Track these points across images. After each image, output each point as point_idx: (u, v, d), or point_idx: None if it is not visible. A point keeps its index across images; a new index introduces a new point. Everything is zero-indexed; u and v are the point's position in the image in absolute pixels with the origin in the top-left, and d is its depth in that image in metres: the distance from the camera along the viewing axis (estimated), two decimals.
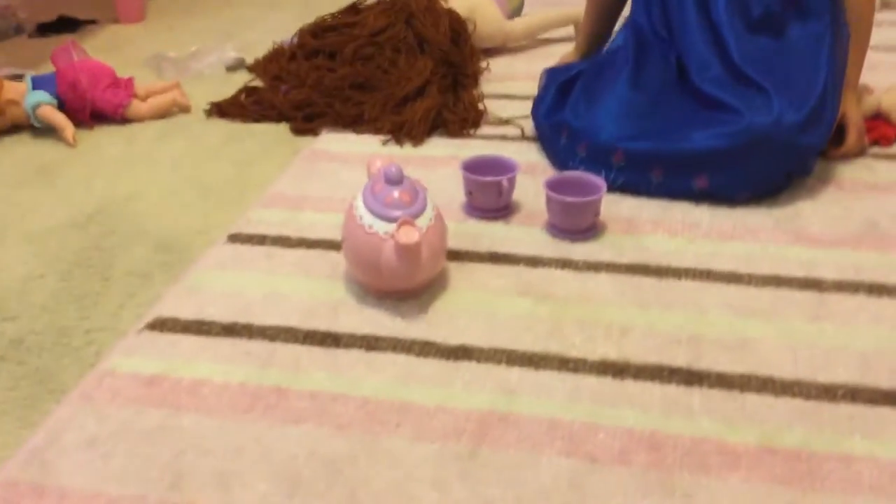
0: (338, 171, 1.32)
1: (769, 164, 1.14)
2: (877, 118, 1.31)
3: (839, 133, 1.24)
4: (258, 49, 1.78)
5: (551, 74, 1.39)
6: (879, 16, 1.89)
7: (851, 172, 1.24)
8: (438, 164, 1.33)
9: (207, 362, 0.91)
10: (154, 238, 1.17)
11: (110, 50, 1.92)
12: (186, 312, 0.99)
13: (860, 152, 1.26)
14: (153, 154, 1.43)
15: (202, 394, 0.86)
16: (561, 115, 1.29)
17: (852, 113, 1.23)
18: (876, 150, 1.30)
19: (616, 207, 1.18)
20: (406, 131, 1.43)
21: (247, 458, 0.79)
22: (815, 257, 1.05)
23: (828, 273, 1.02)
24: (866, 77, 1.36)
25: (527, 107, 1.42)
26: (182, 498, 0.75)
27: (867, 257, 1.05)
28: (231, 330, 0.96)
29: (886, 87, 1.36)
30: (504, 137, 1.42)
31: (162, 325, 0.97)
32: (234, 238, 1.15)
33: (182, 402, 0.86)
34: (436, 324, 0.96)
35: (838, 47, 1.19)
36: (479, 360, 0.90)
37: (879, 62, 1.61)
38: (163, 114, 1.56)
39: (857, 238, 1.09)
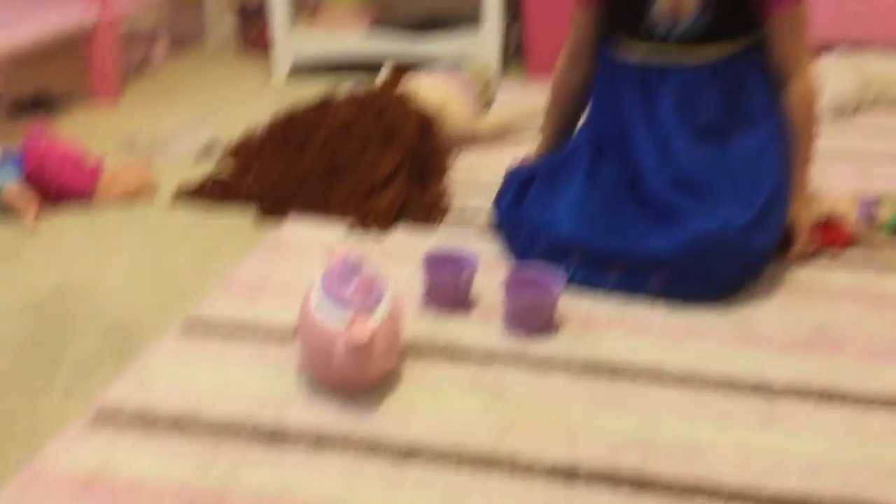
0: (300, 260, 1.33)
1: (720, 267, 1.16)
2: (829, 223, 1.34)
3: (788, 237, 1.26)
4: (231, 135, 1.80)
5: (512, 172, 1.42)
6: (832, 124, 1.96)
7: (803, 276, 1.26)
8: (401, 254, 1.34)
9: (149, 458, 0.89)
10: (107, 325, 1.15)
11: (84, 129, 1.94)
12: (132, 404, 0.97)
13: (809, 256, 1.28)
14: (115, 238, 1.43)
15: (140, 496, 0.84)
16: (520, 211, 1.31)
17: (801, 217, 1.26)
18: (829, 255, 1.32)
19: (573, 305, 1.18)
20: (371, 220, 1.44)
21: None
22: (767, 361, 1.06)
23: (779, 377, 1.03)
24: (819, 183, 1.40)
25: (492, 200, 1.43)
26: None
27: (817, 363, 1.06)
28: (177, 424, 0.94)
29: (838, 194, 1.39)
30: (467, 231, 1.43)
31: (106, 417, 0.95)
32: (188, 327, 1.14)
33: (120, 502, 0.83)
34: (387, 420, 0.95)
35: (784, 153, 1.23)
36: (428, 461, 0.89)
37: (831, 169, 1.66)
38: (129, 197, 1.56)
39: (808, 343, 1.10)
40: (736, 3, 1.21)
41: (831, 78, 2.00)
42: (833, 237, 1.33)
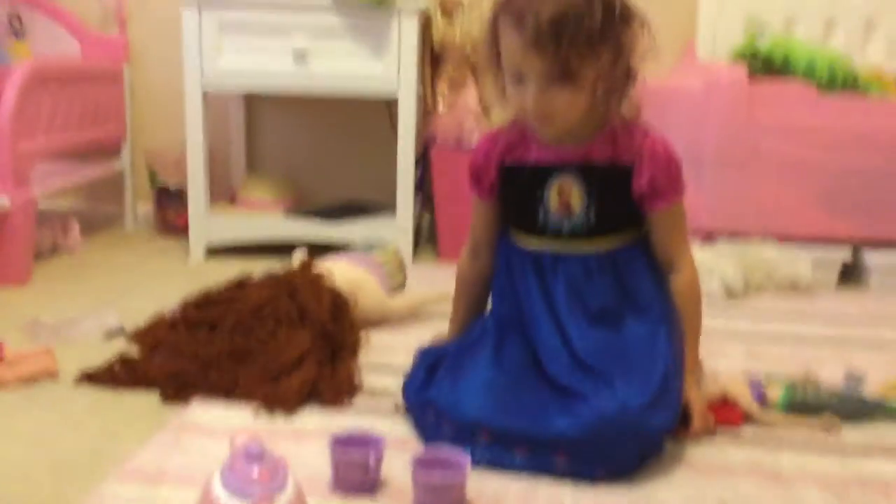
0: (204, 445, 1.30)
1: (621, 446, 1.20)
2: (724, 402, 1.41)
3: (685, 417, 1.31)
4: (140, 318, 1.79)
5: (421, 354, 1.46)
6: (722, 307, 2.09)
7: (702, 454, 1.30)
8: (309, 437, 1.33)
9: None
10: None
11: None
12: None
13: (707, 433, 1.33)
14: (10, 424, 1.38)
15: None
16: (428, 392, 1.34)
17: (693, 396, 1.33)
18: (724, 432, 1.37)
19: (482, 485, 1.19)
20: (279, 403, 1.43)
21: None
22: None
23: None
24: (711, 363, 1.48)
25: (401, 382, 1.45)
26: None
27: None
28: None
29: (731, 375, 1.47)
30: (378, 411, 1.44)
31: None
32: None
33: None
34: None
35: (673, 336, 1.31)
36: None
37: (725, 349, 1.76)
38: (29, 381, 1.52)
39: None
40: (618, 201, 1.32)
41: (720, 264, 2.16)
42: (728, 416, 1.39)
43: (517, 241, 1.40)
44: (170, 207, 2.79)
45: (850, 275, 2.37)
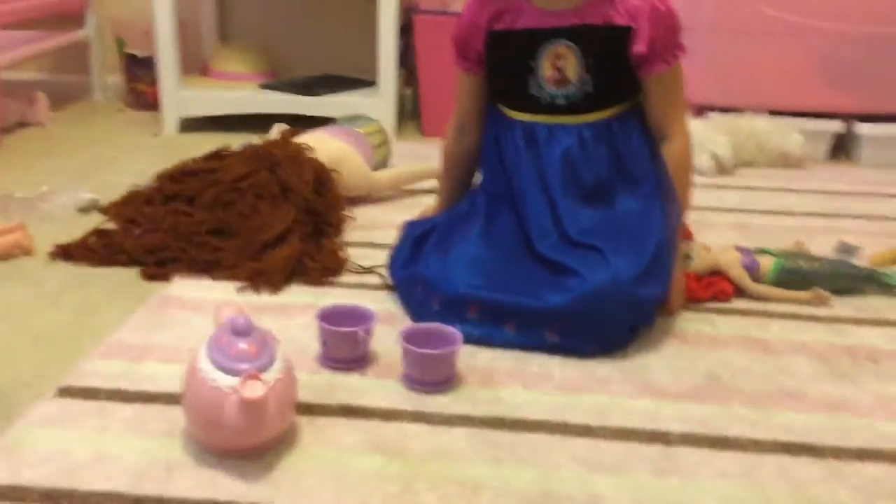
0: (188, 320, 1.27)
1: (613, 318, 1.18)
2: (714, 274, 1.39)
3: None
4: (115, 192, 1.73)
5: (408, 228, 1.42)
6: (715, 179, 2.06)
7: (694, 326, 1.30)
8: (296, 312, 1.31)
9: None
10: None
11: None
12: (1, 476, 0.90)
13: (679, 308, 1.32)
14: None
15: None
16: (416, 267, 1.30)
17: (674, 273, 1.29)
18: (715, 304, 1.37)
19: (472, 359, 1.17)
20: (264, 279, 1.40)
21: None
22: (662, 410, 1.08)
23: (673, 426, 1.04)
24: (702, 237, 1.46)
25: (388, 258, 1.42)
26: None
27: (710, 410, 1.08)
28: (50, 497, 0.87)
29: (723, 246, 1.45)
30: (364, 286, 1.41)
31: None
32: (64, 392, 1.06)
33: None
34: (280, 485, 0.91)
35: (666, 210, 1.27)
36: None
37: (715, 222, 1.74)
38: (3, 257, 1.47)
39: (700, 390, 1.12)
40: (616, 66, 1.26)
41: (710, 138, 2.11)
42: (719, 287, 1.38)
43: (508, 116, 1.33)
44: (140, 78, 2.67)
45: (842, 147, 2.34)
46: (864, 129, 2.26)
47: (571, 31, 1.25)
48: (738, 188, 2.02)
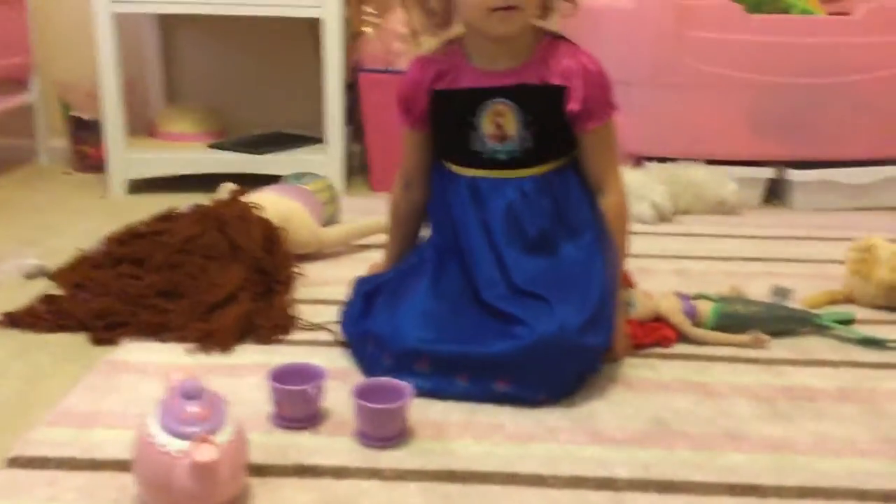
0: (136, 384, 1.26)
1: (560, 366, 1.21)
2: (657, 320, 1.44)
3: None
4: (62, 257, 1.72)
5: (358, 284, 1.44)
6: (655, 226, 2.12)
7: (638, 372, 1.33)
8: (246, 372, 1.31)
9: None
10: None
11: None
12: None
13: (624, 354, 1.36)
14: None
15: None
16: (366, 323, 1.32)
17: (616, 320, 1.33)
18: (658, 350, 1.41)
19: (424, 412, 1.19)
20: (214, 339, 1.40)
21: None
22: (610, 456, 1.10)
23: (622, 472, 1.07)
24: (643, 283, 1.50)
25: (338, 314, 1.44)
26: None
27: (656, 455, 1.11)
28: None
29: (664, 292, 1.50)
30: (315, 343, 1.42)
31: None
32: (13, 462, 1.05)
33: None
34: None
35: (607, 258, 1.32)
36: None
37: (656, 268, 1.79)
38: None
39: (646, 435, 1.15)
40: (553, 122, 1.31)
41: (650, 187, 2.18)
42: (662, 334, 1.42)
43: (452, 170, 1.38)
44: (86, 141, 2.66)
45: (775, 193, 2.43)
46: (795, 175, 2.36)
47: (510, 90, 1.30)
48: (678, 235, 2.09)
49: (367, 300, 1.38)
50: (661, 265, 1.83)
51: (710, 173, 2.29)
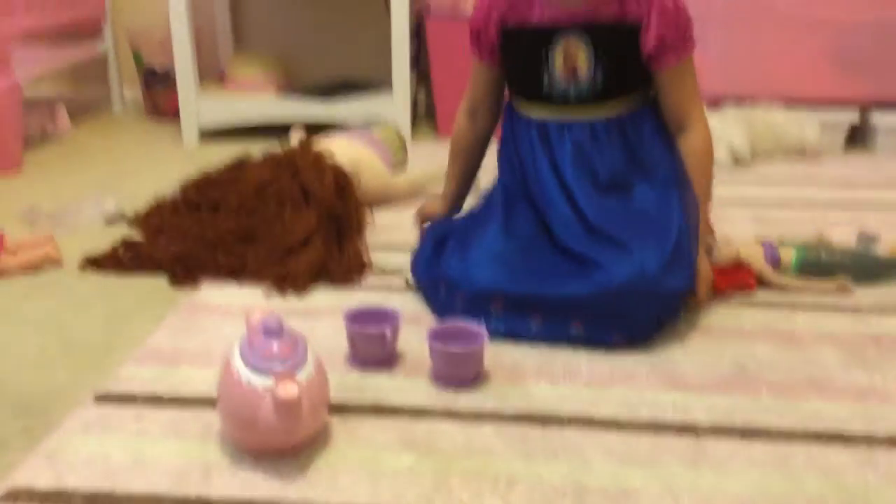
0: (218, 325, 1.29)
1: (638, 311, 1.19)
2: (737, 267, 1.40)
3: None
4: (139, 202, 1.76)
5: (428, 230, 1.43)
6: (731, 172, 2.06)
7: (717, 320, 1.30)
8: (322, 315, 1.32)
9: None
10: (13, 400, 1.09)
11: None
12: (44, 482, 0.92)
13: (710, 301, 1.32)
14: (18, 311, 1.36)
15: None
16: (437, 268, 1.32)
17: (700, 263, 1.29)
18: (739, 297, 1.37)
19: (499, 356, 1.18)
20: (289, 282, 1.42)
21: None
22: (690, 402, 1.08)
23: (702, 417, 1.05)
24: (722, 229, 1.46)
25: (409, 258, 1.44)
26: None
27: (738, 401, 1.09)
28: (92, 500, 0.89)
29: (745, 239, 1.45)
30: (388, 288, 1.42)
31: (15, 497, 0.89)
32: (102, 398, 1.08)
33: None
34: (316, 483, 0.92)
35: (685, 199, 1.28)
36: None
37: (733, 216, 1.74)
38: (33, 269, 1.50)
39: (728, 382, 1.13)
40: (627, 62, 1.27)
41: (727, 131, 2.11)
42: (742, 280, 1.38)
43: (522, 111, 1.35)
44: (158, 90, 2.70)
45: (857, 137, 2.33)
46: (879, 118, 2.26)
47: (582, 27, 1.26)
48: (755, 181, 2.03)
49: (437, 246, 1.37)
50: (739, 212, 1.78)
51: (789, 116, 2.21)
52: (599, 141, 1.29)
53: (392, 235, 1.66)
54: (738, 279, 1.38)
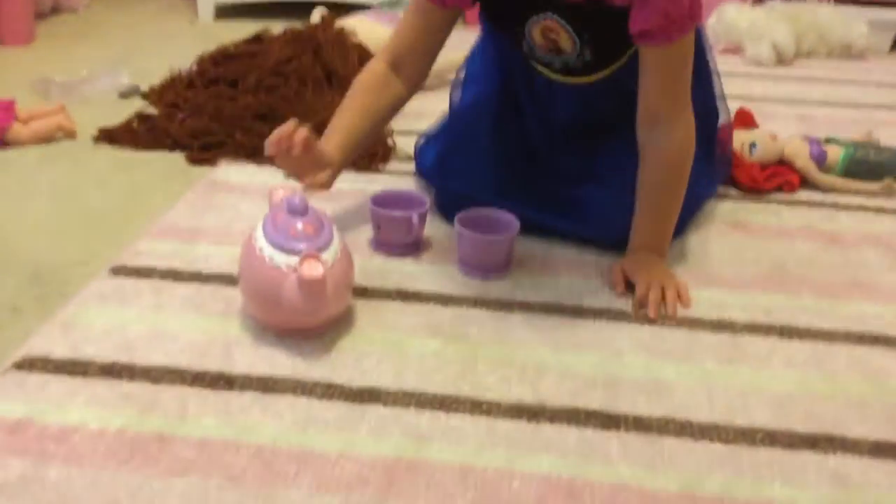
0: (236, 203, 1.24)
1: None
2: (780, 164, 1.34)
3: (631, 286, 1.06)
4: (154, 76, 1.69)
5: (420, 149, 1.35)
6: (774, 69, 1.97)
7: (758, 218, 1.25)
8: (345, 198, 1.27)
9: (81, 407, 0.81)
10: (28, 269, 1.06)
11: None
12: (60, 351, 0.89)
13: (643, 316, 1.02)
14: (32, 180, 1.32)
15: (73, 442, 0.77)
16: (434, 177, 1.26)
17: (642, 274, 1.05)
18: (780, 196, 1.32)
19: (530, 246, 1.14)
20: None
21: None
22: (727, 299, 1.04)
23: (739, 315, 1.01)
24: (769, 126, 1.39)
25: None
26: None
27: (777, 300, 1.04)
28: (110, 371, 0.86)
29: (790, 135, 1.38)
30: (411, 174, 1.37)
31: (31, 364, 0.87)
32: (118, 270, 1.05)
33: (49, 450, 0.76)
34: (340, 365, 0.89)
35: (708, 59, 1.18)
36: (386, 404, 0.84)
37: (777, 113, 1.67)
38: (46, 139, 1.45)
39: (766, 281, 1.09)
40: (614, 39, 1.04)
41: (771, 27, 2.01)
42: (785, 178, 1.32)
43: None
44: None
45: None
46: None
47: (560, 7, 1.03)
48: (798, 79, 1.93)
49: (434, 157, 1.29)
50: (783, 109, 1.70)
51: (837, 14, 2.10)
52: (591, 97, 1.15)
53: (416, 121, 1.59)
54: (780, 177, 1.32)
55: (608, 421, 0.83)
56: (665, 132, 1.03)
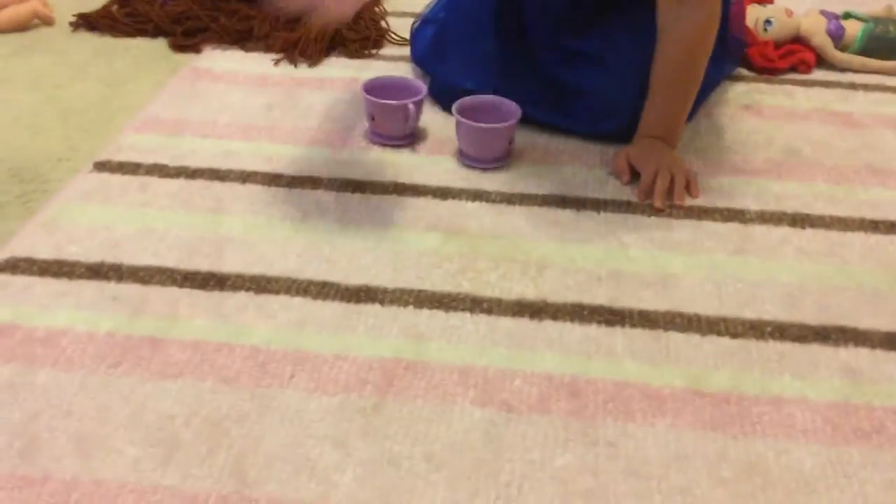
0: (223, 93, 1.19)
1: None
2: (796, 42, 1.27)
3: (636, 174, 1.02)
4: None
5: (414, 33, 1.28)
6: None
7: (770, 99, 1.19)
8: (336, 85, 1.21)
9: (68, 309, 0.79)
10: (7, 165, 1.01)
11: None
12: (44, 251, 0.86)
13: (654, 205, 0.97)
14: (7, 71, 1.25)
15: (61, 345, 0.75)
16: (429, 66, 1.20)
17: (649, 162, 1.00)
18: (795, 76, 1.26)
19: (531, 136, 1.09)
20: (300, 50, 1.30)
21: (114, 420, 0.68)
22: (736, 187, 1.00)
23: (750, 203, 0.97)
24: (784, 2, 1.31)
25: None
26: (35, 468, 0.63)
27: (790, 187, 1.00)
28: (97, 271, 0.83)
29: (805, 11, 1.31)
30: (407, 59, 1.30)
31: (14, 266, 0.84)
32: (102, 166, 1.00)
33: (37, 355, 0.73)
34: (335, 262, 0.86)
35: None
36: (383, 303, 0.81)
37: None
38: (21, 26, 1.37)
39: (779, 166, 1.04)
40: None
41: None
42: (801, 57, 1.25)
43: None
44: None
45: None
46: None
47: None
48: None
49: (428, 42, 1.22)
50: None
51: None
52: None
53: (411, 0, 1.50)
54: (794, 56, 1.25)
55: (612, 317, 0.80)
56: (696, 5, 0.96)
